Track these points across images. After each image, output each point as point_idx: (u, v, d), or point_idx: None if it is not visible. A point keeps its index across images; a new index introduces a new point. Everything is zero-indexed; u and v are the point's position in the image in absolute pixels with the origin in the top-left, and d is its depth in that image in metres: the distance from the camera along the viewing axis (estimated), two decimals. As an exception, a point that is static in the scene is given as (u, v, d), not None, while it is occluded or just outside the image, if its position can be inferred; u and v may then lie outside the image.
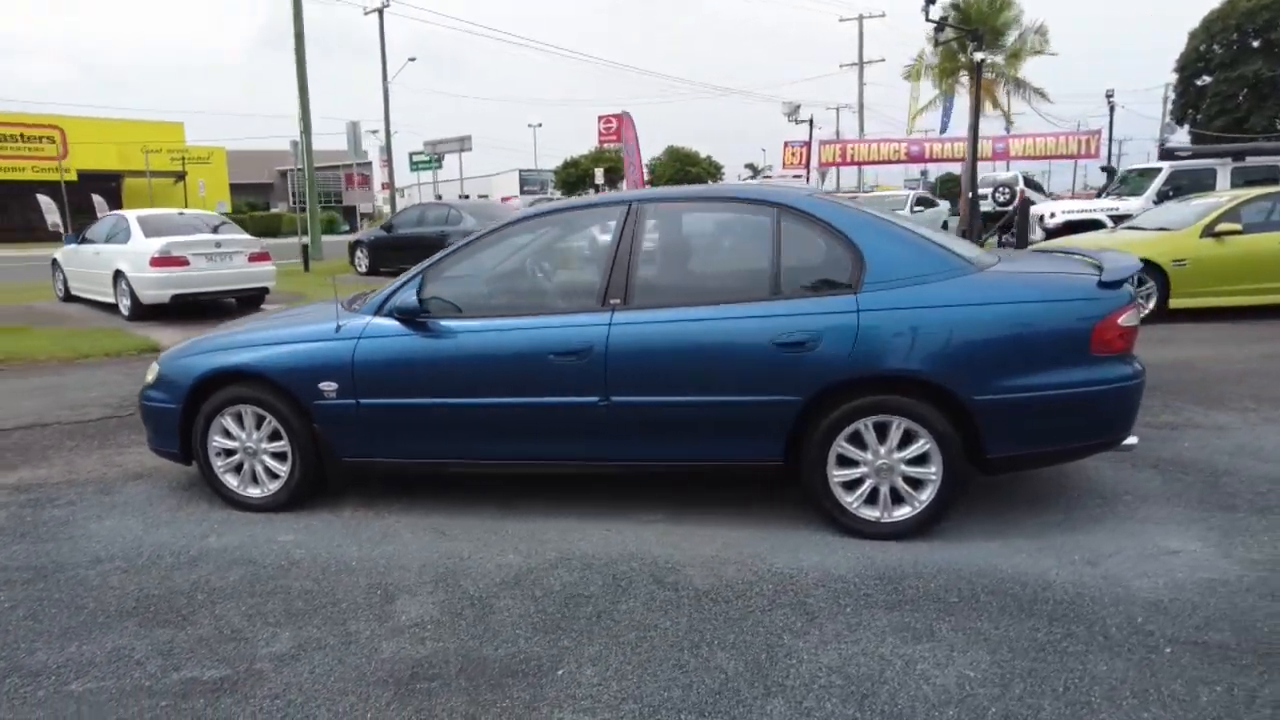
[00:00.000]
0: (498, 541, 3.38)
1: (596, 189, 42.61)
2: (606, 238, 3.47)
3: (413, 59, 41.80)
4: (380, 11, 39.23)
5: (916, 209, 16.39)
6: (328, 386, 3.57)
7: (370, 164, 51.36)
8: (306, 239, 18.58)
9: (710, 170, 59.95)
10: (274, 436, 3.70)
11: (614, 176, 55.58)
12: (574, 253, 3.57)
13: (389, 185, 40.46)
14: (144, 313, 9.77)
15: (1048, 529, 3.34)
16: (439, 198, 25.55)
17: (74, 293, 11.58)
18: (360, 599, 2.95)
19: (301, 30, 18.23)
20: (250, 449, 3.74)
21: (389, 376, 3.53)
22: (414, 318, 3.49)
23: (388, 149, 37.72)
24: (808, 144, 28.71)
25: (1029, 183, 21.77)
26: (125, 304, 9.89)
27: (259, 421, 3.70)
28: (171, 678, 2.48)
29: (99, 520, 3.73)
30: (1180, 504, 3.56)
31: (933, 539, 3.26)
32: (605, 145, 57.30)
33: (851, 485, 3.27)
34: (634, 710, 2.25)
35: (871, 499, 3.26)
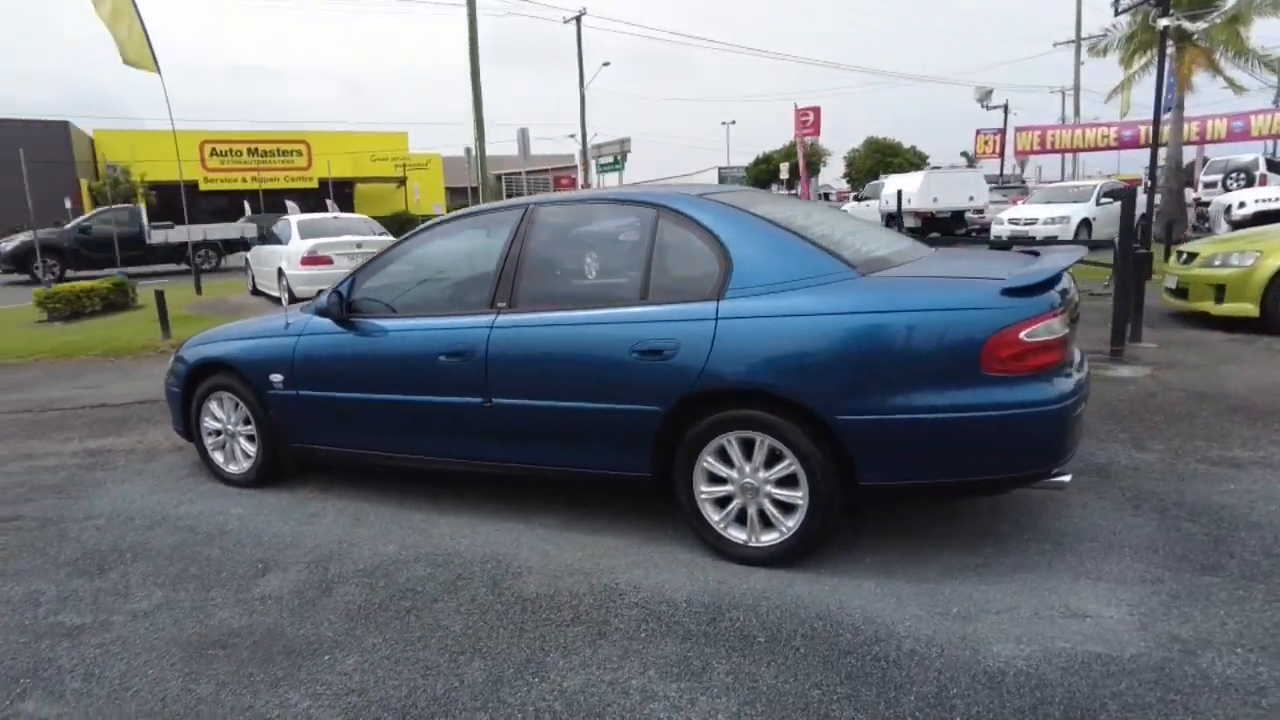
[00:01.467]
0: (395, 533, 3.55)
1: (781, 185, 41.86)
2: (503, 241, 3.51)
3: (607, 64, 43.36)
4: (578, 19, 41.18)
5: (1104, 201, 14.42)
6: (276, 378, 3.94)
7: (576, 167, 54.32)
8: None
9: (915, 160, 56.67)
10: (247, 421, 4.14)
11: (808, 171, 54.22)
12: (479, 255, 3.64)
13: (571, 184, 42.40)
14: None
15: (950, 573, 2.92)
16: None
17: (258, 287, 13.42)
18: (241, 570, 3.25)
19: (476, 48, 19.70)
20: (230, 431, 4.21)
21: (320, 370, 3.83)
22: (337, 316, 3.76)
23: (583, 152, 39.61)
24: (1002, 131, 26.33)
25: (1271, 165, 18.40)
26: (285, 298, 11.33)
27: (235, 406, 4.16)
28: (48, 620, 2.90)
29: (119, 484, 4.39)
30: (1147, 559, 2.94)
31: (806, 569, 2.97)
32: (802, 138, 55.97)
33: (722, 503, 3.07)
34: (352, 703, 2.32)
35: (742, 520, 3.04)
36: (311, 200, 46.07)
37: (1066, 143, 24.13)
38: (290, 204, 43.95)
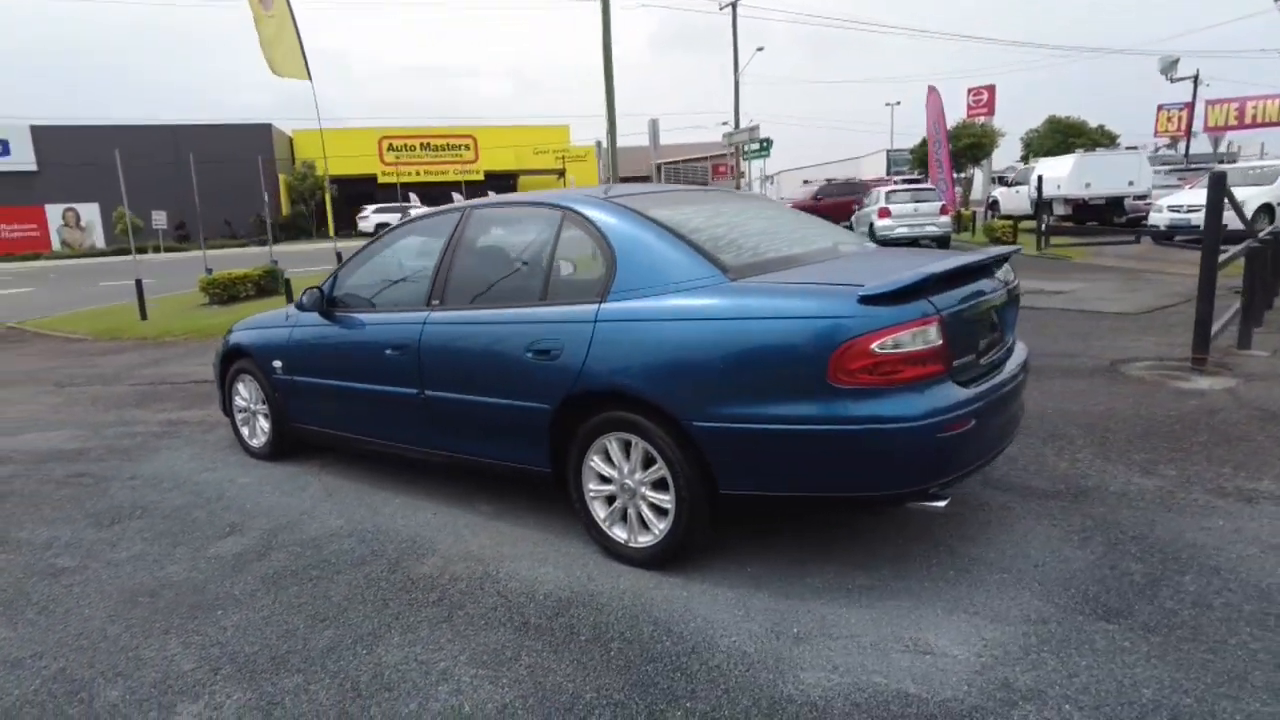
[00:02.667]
0: (351, 509, 3.88)
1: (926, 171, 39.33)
2: (443, 241, 3.72)
3: (760, 49, 42.77)
4: (733, 5, 40.96)
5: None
6: (277, 364, 4.40)
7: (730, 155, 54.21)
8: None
9: (1101, 141, 51.39)
10: (263, 401, 4.66)
11: (978, 154, 50.56)
12: (428, 255, 3.85)
13: (734, 172, 42.23)
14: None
15: (823, 592, 2.80)
16: (768, 182, 26.16)
17: None
18: (212, 532, 3.70)
19: (609, 40, 20.12)
20: (252, 410, 4.76)
21: (305, 358, 4.24)
22: (318, 310, 4.14)
23: (749, 138, 39.37)
24: (1190, 105, 23.34)
25: None
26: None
27: (256, 388, 4.69)
28: (46, 561, 3.47)
29: (172, 451, 5.08)
30: (1051, 598, 2.67)
31: (680, 573, 2.97)
32: (975, 119, 52.39)
33: (609, 502, 3.12)
34: (211, 654, 2.62)
35: (626, 519, 3.08)
36: (477, 191, 49.01)
37: (1274, 115, 21.03)
38: (456, 195, 46.91)
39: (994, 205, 19.39)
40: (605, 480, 3.10)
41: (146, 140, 38.54)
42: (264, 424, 4.68)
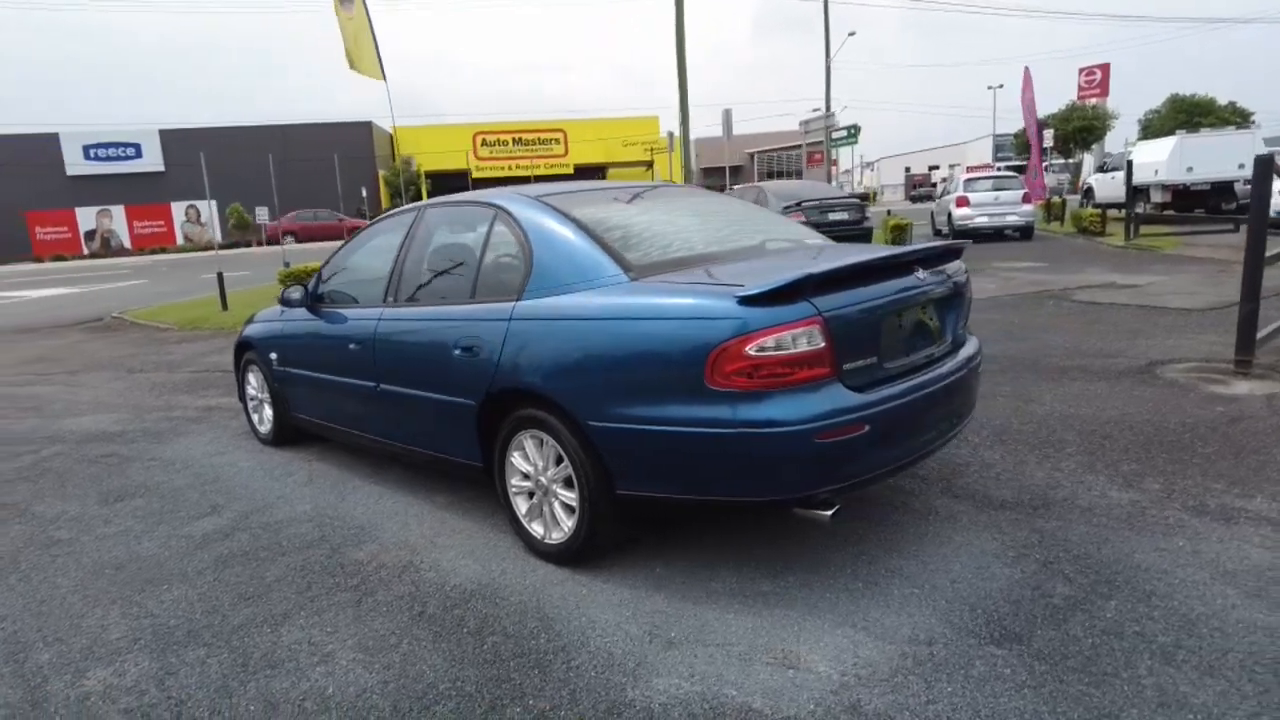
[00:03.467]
0: (322, 495, 4.08)
1: (1046, 154, 37.16)
2: (399, 239, 3.85)
3: (852, 33, 41.60)
4: (824, -10, 39.99)
5: None
6: (274, 356, 4.67)
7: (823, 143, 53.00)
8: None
9: (1232, 119, 47.21)
10: (266, 390, 4.94)
11: (1089, 137, 47.39)
12: (389, 252, 3.98)
13: (821, 160, 41.24)
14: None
15: (719, 596, 2.76)
16: (868, 168, 25.41)
17: None
18: (195, 511, 3.98)
19: (682, 30, 19.99)
20: (259, 398, 5.06)
21: (294, 351, 4.48)
22: (305, 306, 4.36)
23: (826, 127, 38.40)
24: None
25: None
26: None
27: (260, 378, 4.99)
28: (48, 533, 3.82)
29: (195, 435, 5.46)
30: (952, 617, 2.54)
31: (590, 570, 2.99)
32: (1086, 100, 49.27)
33: (529, 497, 3.17)
34: (143, 624, 2.83)
35: (542, 515, 3.12)
36: (565, 184, 49.49)
37: None
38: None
39: (1089, 193, 18.15)
40: (525, 477, 3.15)
41: (258, 139, 41.09)
42: (268, 412, 4.97)
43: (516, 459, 3.15)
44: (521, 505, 3.19)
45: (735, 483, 2.56)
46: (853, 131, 32.07)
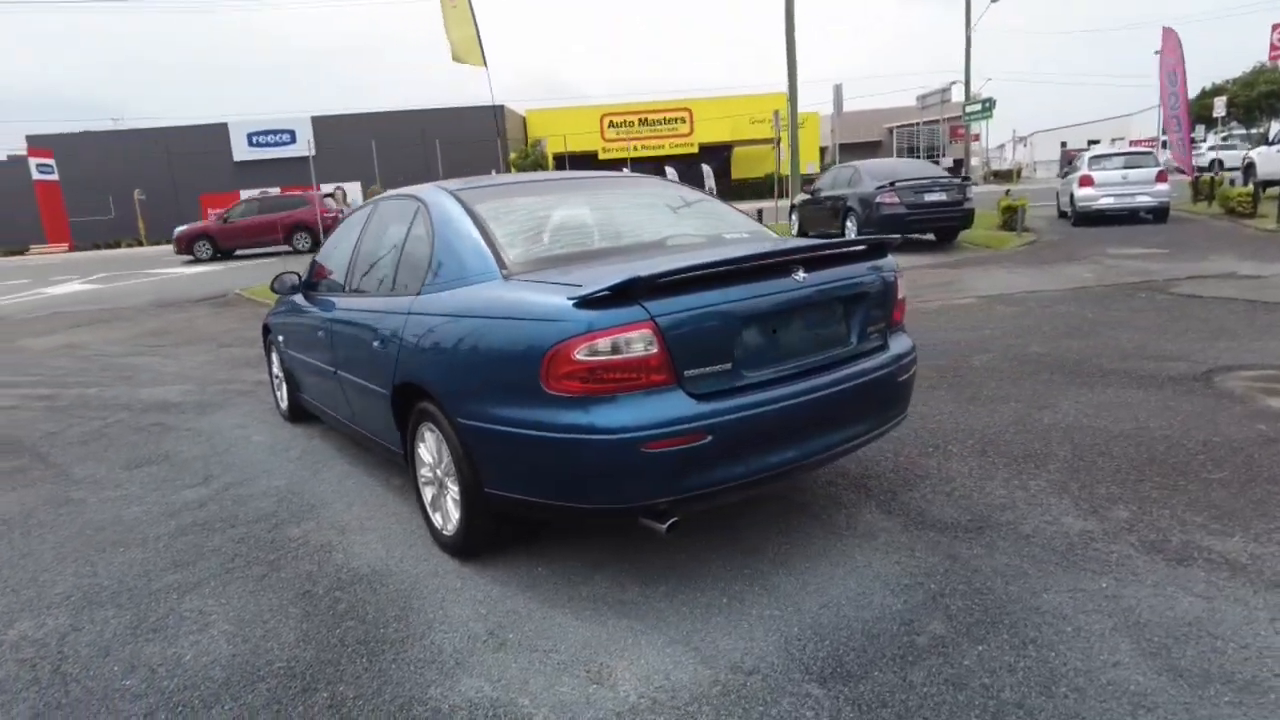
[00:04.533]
0: (300, 472, 4.34)
1: (1216, 126, 33.31)
2: (358, 231, 3.99)
3: (994, 0, 38.82)
4: (966, -49, 37.55)
5: None
6: (281, 338, 4.99)
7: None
8: (794, 200, 19.97)
9: None
10: (281, 369, 5.30)
11: (1276, 104, 41.72)
12: (352, 242, 4.11)
13: (963, 134, 38.92)
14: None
15: (576, 600, 2.73)
16: (1020, 143, 23.86)
17: None
18: (191, 481, 4.34)
19: (791, 7, 19.30)
20: (280, 377, 5.43)
21: (292, 335, 4.77)
22: (295, 292, 4.62)
23: (965, 97, 36.22)
24: None
25: None
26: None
27: (277, 358, 5.35)
28: (69, 493, 4.30)
29: (234, 407, 5.93)
30: (793, 649, 2.38)
31: (477, 564, 3.04)
32: (1277, 61, 43.70)
33: (431, 487, 3.24)
34: (81, 583, 3.14)
35: (440, 507, 3.18)
36: (690, 165, 49.52)
37: None
38: (670, 170, 47.69)
39: (1250, 168, 16.02)
40: (428, 468, 3.22)
41: (399, 124, 43.58)
42: (284, 390, 5.32)
43: (421, 450, 3.22)
44: (427, 495, 3.27)
45: (571, 489, 2.51)
46: (987, 105, 29.87)
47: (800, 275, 2.65)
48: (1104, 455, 3.69)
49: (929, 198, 12.14)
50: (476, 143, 44.98)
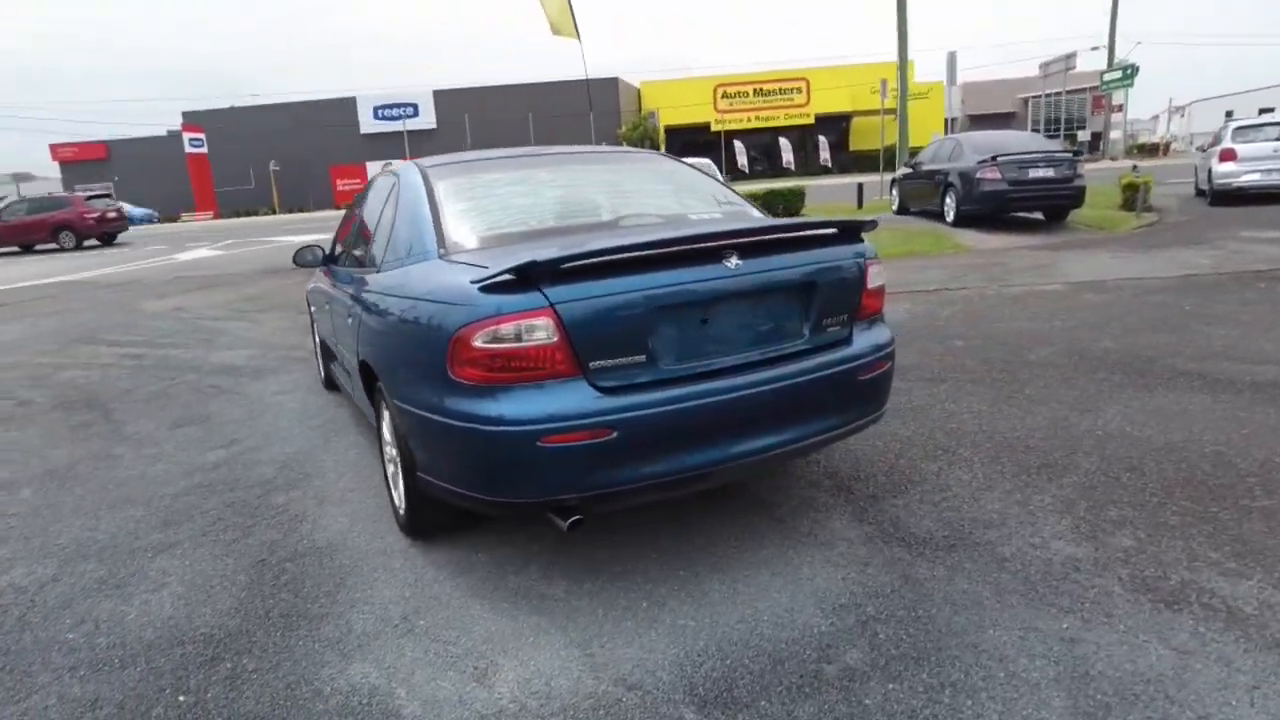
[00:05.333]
0: (313, 441, 4.49)
1: None
2: (362, 205, 4.03)
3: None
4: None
5: None
6: (313, 308, 5.17)
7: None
8: (893, 174, 18.99)
9: None
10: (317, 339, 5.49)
11: None
12: (355, 218, 4.15)
13: (1104, 105, 35.87)
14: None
15: (500, 591, 2.67)
16: (1178, 114, 21.87)
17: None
18: (218, 443, 4.58)
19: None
20: (318, 346, 5.64)
21: (316, 304, 4.92)
22: (314, 266, 4.75)
23: (1108, 63, 33.36)
24: None
25: None
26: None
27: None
28: (110, 450, 4.63)
29: (286, 374, 6.22)
30: (687, 668, 2.23)
31: (427, 546, 3.04)
32: None
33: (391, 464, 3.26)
34: (76, 536, 3.38)
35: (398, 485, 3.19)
36: (803, 136, 47.98)
37: None
38: (784, 140, 46.38)
39: None
40: (390, 445, 3.23)
41: (518, 97, 44.42)
42: (321, 358, 5.53)
43: (383, 427, 3.23)
44: (390, 471, 3.29)
45: (476, 481, 2.43)
46: (1128, 73, 27.17)
47: (734, 262, 2.44)
48: (1133, 471, 3.26)
49: (1035, 174, 11.18)
50: (597, 115, 45.18)
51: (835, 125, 47.66)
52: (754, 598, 2.52)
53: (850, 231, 2.75)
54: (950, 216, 12.33)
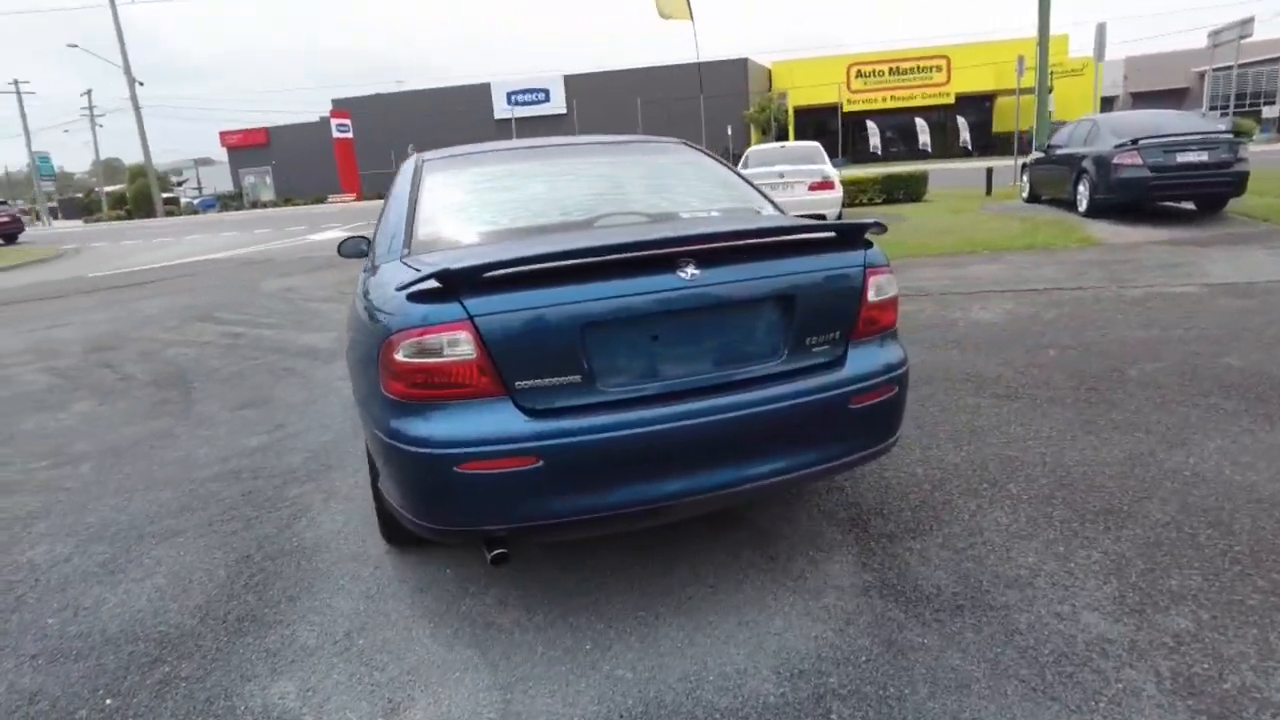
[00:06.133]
0: (347, 433, 4.54)
1: None
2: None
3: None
4: None
5: None
6: (366, 297, 5.23)
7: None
8: (1025, 159, 17.48)
9: None
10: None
11: None
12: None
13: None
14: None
15: (450, 615, 2.53)
16: None
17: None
18: (265, 427, 4.72)
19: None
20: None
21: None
22: (358, 256, 4.77)
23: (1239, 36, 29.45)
24: None
25: None
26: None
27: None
28: (172, 429, 4.87)
29: (358, 357, 6.39)
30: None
31: (419, 553, 2.95)
32: None
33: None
34: (101, 520, 3.53)
35: (391, 491, 3.12)
36: (942, 117, 45.33)
37: None
38: (920, 122, 44.15)
39: None
40: (381, 448, 3.17)
41: (651, 80, 44.48)
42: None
43: (372, 430, 3.17)
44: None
45: (406, 502, 2.28)
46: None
47: (689, 271, 2.15)
48: (1217, 527, 2.71)
49: (1184, 158, 9.86)
50: (719, 96, 44.66)
51: (977, 105, 44.67)
52: (708, 651, 2.25)
53: (848, 236, 2.38)
54: (1083, 206, 11.15)
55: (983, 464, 3.38)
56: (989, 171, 16.89)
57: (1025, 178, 14.30)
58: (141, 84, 47.95)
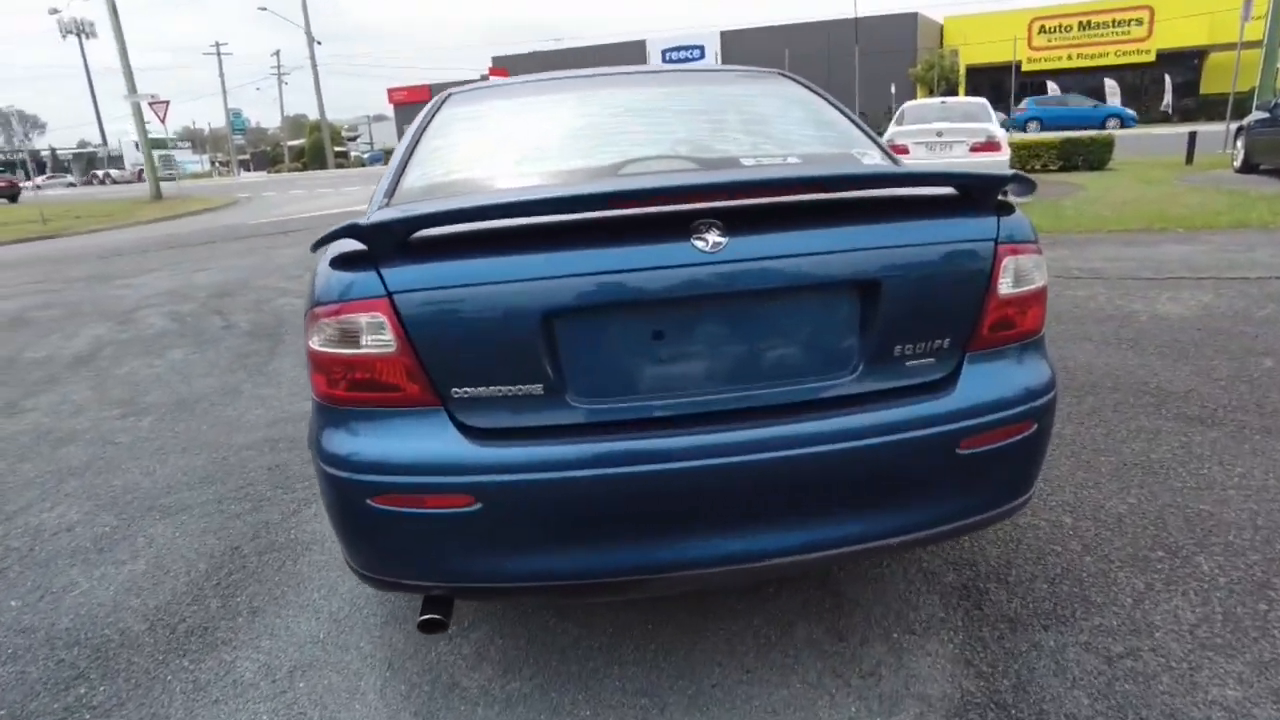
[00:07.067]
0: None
1: None
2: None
3: None
4: None
5: None
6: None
7: None
8: (1240, 122, 14.83)
9: None
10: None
11: None
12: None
13: None
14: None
15: (405, 675, 2.02)
16: None
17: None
18: (290, 415, 4.44)
19: None
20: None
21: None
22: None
23: None
24: None
25: None
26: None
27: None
28: (241, 384, 4.71)
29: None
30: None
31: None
32: None
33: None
34: (125, 484, 3.32)
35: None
36: (1141, 76, 40.44)
37: None
38: (1110, 83, 39.92)
39: None
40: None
41: (806, 35, 42.48)
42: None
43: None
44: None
45: (339, 537, 1.75)
46: None
47: (711, 239, 1.45)
48: None
49: None
50: (885, 53, 41.91)
51: (1184, 63, 39.24)
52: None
53: (974, 193, 1.60)
54: (1319, 179, 9.15)
55: (1159, 518, 2.48)
56: (1191, 136, 14.44)
57: (1240, 143, 12.07)
58: (319, 43, 51.14)
